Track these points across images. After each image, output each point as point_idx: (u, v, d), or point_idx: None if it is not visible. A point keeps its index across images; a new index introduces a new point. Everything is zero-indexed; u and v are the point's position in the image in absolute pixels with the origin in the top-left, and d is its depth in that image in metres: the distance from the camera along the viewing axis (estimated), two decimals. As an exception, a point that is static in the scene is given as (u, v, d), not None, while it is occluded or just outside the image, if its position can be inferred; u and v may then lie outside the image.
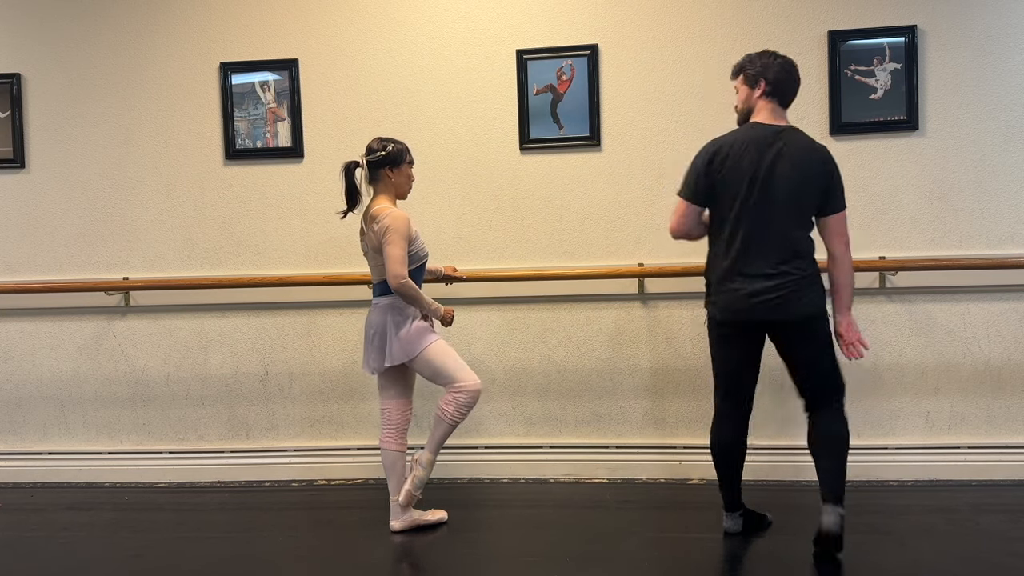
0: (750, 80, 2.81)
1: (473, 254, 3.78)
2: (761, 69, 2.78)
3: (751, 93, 2.81)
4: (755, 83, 2.79)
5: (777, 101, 2.79)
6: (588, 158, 3.72)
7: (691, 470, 3.71)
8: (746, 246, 2.72)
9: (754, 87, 2.80)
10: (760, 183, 2.68)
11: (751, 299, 2.71)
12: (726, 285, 2.76)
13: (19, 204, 3.95)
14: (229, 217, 3.88)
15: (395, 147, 3.08)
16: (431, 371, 3.07)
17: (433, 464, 3.14)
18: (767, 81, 2.77)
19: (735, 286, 2.74)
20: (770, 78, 2.77)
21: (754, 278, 2.71)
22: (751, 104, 2.81)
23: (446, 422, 3.07)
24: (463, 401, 3.05)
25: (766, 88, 2.77)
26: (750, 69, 2.81)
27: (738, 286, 2.73)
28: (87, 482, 3.93)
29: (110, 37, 3.88)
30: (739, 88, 2.86)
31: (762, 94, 2.78)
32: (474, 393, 3.06)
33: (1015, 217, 3.56)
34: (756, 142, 2.72)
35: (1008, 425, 3.61)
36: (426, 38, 3.76)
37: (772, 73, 2.77)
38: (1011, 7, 3.53)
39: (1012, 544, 2.89)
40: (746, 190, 2.69)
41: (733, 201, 2.72)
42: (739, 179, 2.70)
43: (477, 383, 3.08)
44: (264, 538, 3.18)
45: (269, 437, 3.92)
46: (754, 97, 2.80)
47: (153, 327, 3.93)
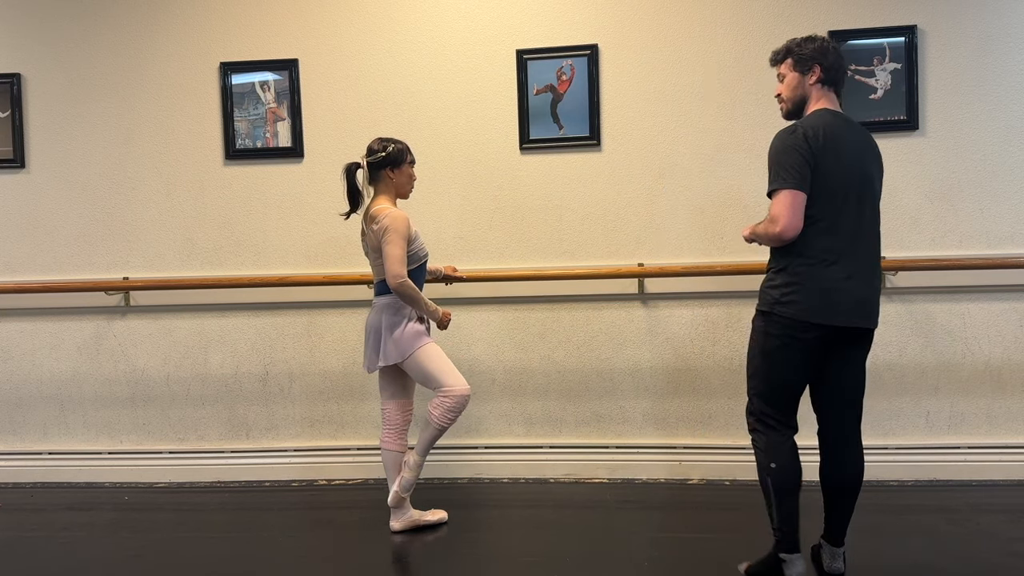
0: (801, 65, 2.51)
1: (473, 254, 3.78)
2: (815, 53, 2.49)
3: (802, 80, 2.52)
4: (808, 69, 2.50)
5: (834, 90, 2.53)
6: (588, 158, 3.73)
7: (691, 470, 3.71)
8: (851, 243, 2.42)
9: (806, 73, 2.51)
10: (859, 175, 2.43)
11: (854, 302, 2.42)
12: (824, 283, 2.40)
13: (19, 204, 3.95)
14: (229, 217, 3.88)
15: (395, 147, 3.08)
16: (421, 374, 3.06)
17: (421, 467, 3.13)
18: (823, 67, 2.49)
19: (838, 286, 2.40)
20: (827, 64, 2.49)
21: (858, 279, 2.42)
22: (804, 91, 2.53)
23: (433, 426, 3.06)
24: (449, 406, 3.02)
25: (821, 75, 2.50)
26: (800, 52, 2.51)
27: (842, 286, 2.40)
28: (87, 482, 3.93)
29: (110, 37, 3.88)
30: (785, 74, 2.56)
31: (817, 81, 2.50)
32: (461, 399, 3.03)
33: (1015, 217, 3.56)
34: (846, 130, 2.46)
35: (1008, 425, 3.61)
36: (426, 38, 3.76)
37: (830, 59, 2.50)
38: (1011, 7, 3.53)
39: (1012, 544, 2.89)
40: (847, 181, 2.41)
41: (833, 191, 2.40)
42: (839, 167, 2.40)
43: (465, 389, 3.04)
44: (264, 538, 3.17)
45: (269, 437, 3.92)
46: (807, 84, 2.51)
47: (153, 327, 3.93)
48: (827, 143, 2.39)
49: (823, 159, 2.39)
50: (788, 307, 2.44)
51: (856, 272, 2.41)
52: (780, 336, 2.46)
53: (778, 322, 2.46)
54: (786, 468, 2.49)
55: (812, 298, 2.40)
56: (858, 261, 2.42)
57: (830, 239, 2.40)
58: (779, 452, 2.50)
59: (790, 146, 2.40)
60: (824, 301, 2.40)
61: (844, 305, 2.40)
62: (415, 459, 3.11)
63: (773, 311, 2.47)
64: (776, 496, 2.49)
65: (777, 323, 2.46)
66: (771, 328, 2.48)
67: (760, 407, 2.54)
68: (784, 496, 2.49)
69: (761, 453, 2.52)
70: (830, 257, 2.40)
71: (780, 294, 2.46)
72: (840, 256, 2.40)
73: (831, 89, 2.52)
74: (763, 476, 2.52)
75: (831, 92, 2.52)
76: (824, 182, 2.39)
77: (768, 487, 2.51)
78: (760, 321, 2.53)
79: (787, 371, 2.48)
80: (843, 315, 2.41)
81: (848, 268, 2.40)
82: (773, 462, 2.49)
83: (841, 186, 2.40)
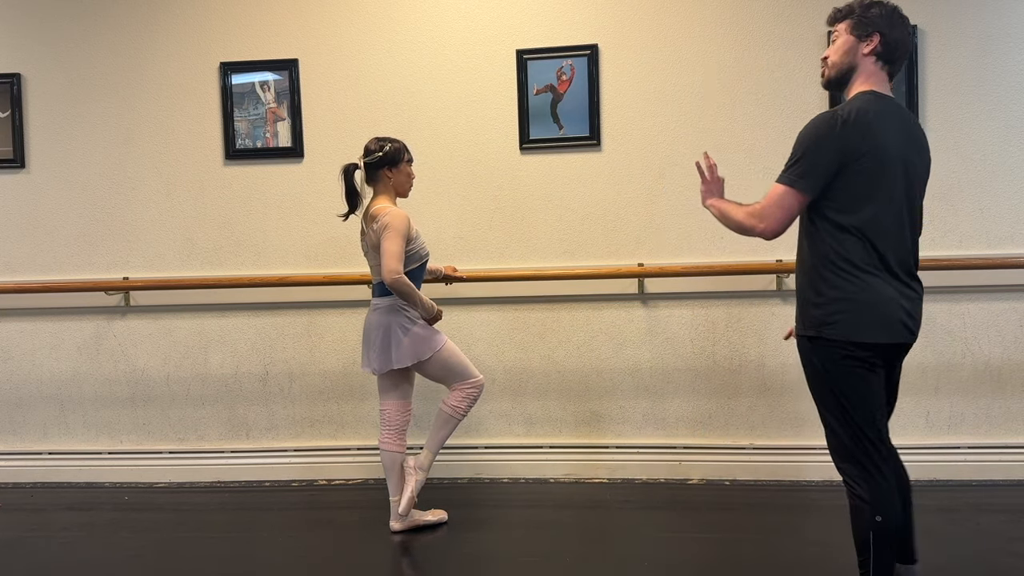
0: (859, 29, 2.17)
1: (473, 254, 3.78)
2: (879, 20, 2.15)
3: (857, 46, 2.17)
4: (866, 35, 2.16)
5: (887, 70, 2.20)
6: (588, 158, 3.73)
7: (691, 470, 3.71)
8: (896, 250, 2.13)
9: (863, 40, 2.17)
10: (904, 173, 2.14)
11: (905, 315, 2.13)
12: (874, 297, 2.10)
13: (19, 204, 3.95)
14: (229, 217, 3.88)
15: (392, 146, 3.08)
16: (443, 371, 3.12)
17: (431, 465, 3.18)
18: (884, 38, 2.15)
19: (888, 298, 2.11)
20: (889, 36, 2.15)
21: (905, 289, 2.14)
22: (854, 60, 2.19)
23: (456, 419, 3.14)
24: (474, 395, 3.16)
25: (879, 47, 2.15)
26: (864, 15, 2.17)
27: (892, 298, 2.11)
28: (87, 482, 3.93)
29: (110, 37, 3.88)
30: (839, 35, 2.21)
31: (872, 52, 2.16)
32: (481, 387, 3.18)
33: (1015, 217, 3.56)
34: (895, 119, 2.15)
35: (1008, 425, 3.61)
36: (426, 38, 3.76)
37: (895, 32, 2.16)
38: (1011, 7, 3.53)
39: (1012, 544, 2.89)
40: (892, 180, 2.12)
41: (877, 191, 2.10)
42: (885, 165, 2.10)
43: (482, 377, 3.20)
44: (264, 538, 3.18)
45: (269, 437, 3.92)
46: (860, 53, 2.17)
47: (153, 327, 3.93)
48: (872, 132, 2.08)
49: (865, 156, 2.08)
50: (836, 327, 2.11)
51: (902, 282, 2.14)
52: (838, 362, 2.13)
53: (828, 346, 2.13)
54: (894, 515, 2.13)
55: (862, 314, 2.09)
56: (903, 269, 2.14)
57: (875, 243, 2.10)
58: (885, 501, 2.11)
59: (823, 137, 2.09)
60: (874, 316, 2.10)
61: (895, 319, 2.11)
62: (429, 459, 3.16)
63: (821, 334, 2.14)
64: (877, 546, 2.12)
65: (828, 348, 2.14)
66: (824, 356, 2.15)
67: (851, 451, 2.15)
68: (886, 546, 2.13)
69: (865, 506, 2.11)
70: (876, 264, 2.11)
71: (824, 312, 2.14)
72: (887, 263, 2.11)
73: (885, 68, 2.19)
74: (864, 530, 2.13)
75: (884, 71, 2.19)
76: (866, 175, 2.09)
77: (870, 541, 2.12)
78: (808, 350, 2.20)
79: (863, 398, 2.13)
80: (895, 331, 2.12)
81: (895, 278, 2.12)
82: (879, 515, 2.09)
83: (885, 180, 2.10)
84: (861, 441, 2.13)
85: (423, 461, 3.14)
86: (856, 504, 2.14)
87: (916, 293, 2.17)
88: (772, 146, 3.62)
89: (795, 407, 3.66)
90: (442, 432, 3.15)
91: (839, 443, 2.18)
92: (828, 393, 2.17)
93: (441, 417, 3.14)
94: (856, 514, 2.15)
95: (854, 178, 2.09)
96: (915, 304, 2.16)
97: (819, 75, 2.33)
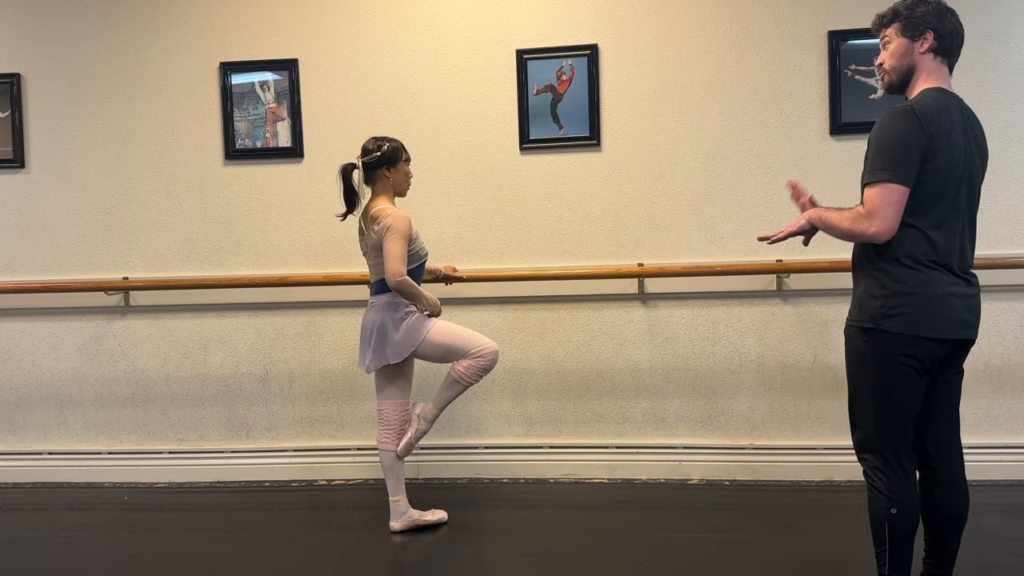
0: (911, 30, 2.17)
1: (473, 254, 3.78)
2: (929, 16, 2.15)
3: (911, 47, 2.17)
4: (919, 34, 2.16)
5: (947, 64, 2.19)
6: (588, 158, 3.72)
7: (691, 470, 3.71)
8: (958, 244, 2.14)
9: (917, 39, 2.16)
10: (967, 168, 2.15)
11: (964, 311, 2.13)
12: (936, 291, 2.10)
13: (19, 204, 3.95)
14: (229, 217, 3.88)
15: (390, 146, 3.07)
16: (442, 350, 3.06)
17: (435, 420, 3.14)
18: (938, 34, 2.15)
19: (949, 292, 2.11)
20: (943, 30, 2.15)
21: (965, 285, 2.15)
22: (912, 61, 2.18)
23: (462, 383, 3.06)
24: (483, 365, 3.05)
25: (934, 43, 2.15)
26: (911, 15, 2.17)
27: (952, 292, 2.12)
28: (87, 482, 3.93)
29: (110, 37, 3.88)
30: (891, 40, 2.21)
31: (928, 49, 2.16)
32: (494, 355, 3.06)
33: (1015, 217, 3.56)
34: (961, 115, 2.14)
35: (1008, 425, 3.61)
36: (426, 38, 3.76)
37: (947, 24, 2.15)
38: (1011, 7, 3.53)
39: (1012, 544, 2.89)
40: (958, 174, 2.12)
41: (944, 186, 2.11)
42: (951, 159, 2.10)
43: (495, 345, 3.07)
44: (264, 538, 3.18)
45: (269, 437, 3.92)
46: (917, 52, 2.17)
47: (153, 327, 3.93)
48: (942, 130, 2.08)
49: (938, 149, 2.08)
50: (897, 320, 2.11)
51: (962, 277, 2.15)
52: (890, 355, 2.13)
53: (883, 338, 2.13)
54: (909, 513, 2.16)
55: (924, 308, 2.09)
56: (964, 264, 2.16)
57: (939, 240, 2.10)
58: (901, 496, 2.15)
59: (904, 132, 2.07)
60: (936, 311, 2.09)
61: (955, 315, 2.12)
62: (433, 411, 3.12)
63: (879, 326, 2.13)
64: (892, 539, 2.16)
65: (882, 340, 2.13)
66: (877, 347, 2.14)
67: (877, 443, 2.19)
68: (902, 540, 2.17)
69: (882, 497, 2.17)
70: (939, 260, 2.10)
71: (885, 305, 2.13)
72: (949, 259, 2.12)
73: (944, 62, 2.19)
74: (879, 519, 2.18)
75: (944, 65, 2.19)
76: (935, 175, 2.09)
77: (884, 532, 2.17)
78: (860, 340, 2.18)
79: (904, 395, 2.15)
80: (955, 327, 2.12)
81: (956, 273, 2.13)
82: (894, 507, 2.15)
83: (952, 180, 2.11)
84: (887, 436, 2.16)
85: (427, 413, 3.12)
86: (873, 495, 2.19)
87: (975, 290, 2.18)
88: (772, 146, 3.63)
89: (795, 407, 3.66)
90: (449, 392, 3.09)
91: (865, 434, 2.21)
92: (869, 383, 2.18)
93: (449, 378, 3.07)
94: (873, 504, 2.19)
95: (927, 177, 2.09)
96: (974, 301, 2.17)
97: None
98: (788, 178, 2.51)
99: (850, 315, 2.24)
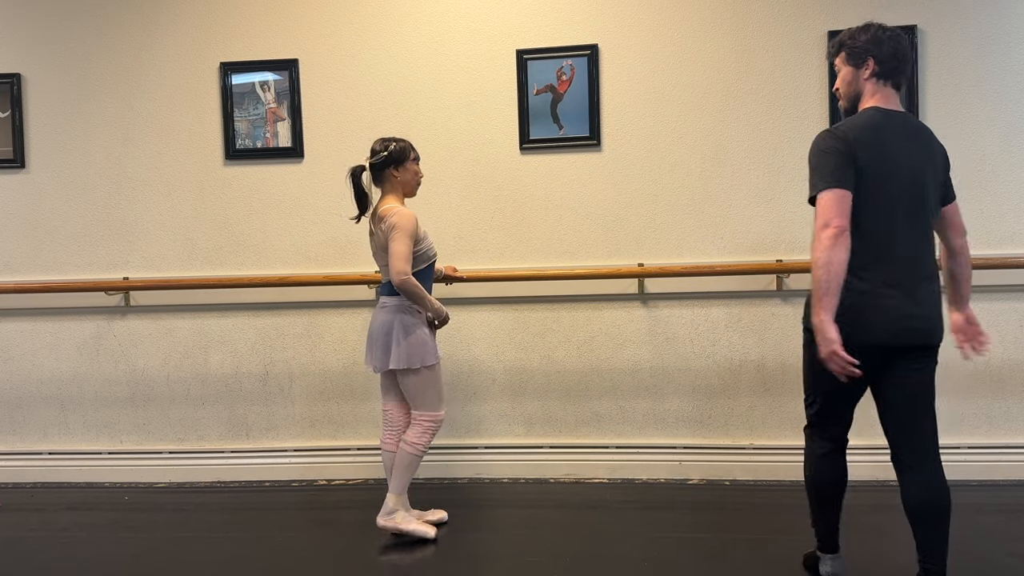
0: (854, 58, 2.37)
1: (473, 254, 3.78)
2: (868, 44, 2.34)
3: (856, 74, 2.37)
4: (861, 62, 2.35)
5: (891, 85, 2.36)
6: (588, 158, 3.73)
7: (691, 470, 3.71)
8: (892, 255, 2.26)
9: (860, 67, 2.36)
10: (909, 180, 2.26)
11: (892, 320, 2.26)
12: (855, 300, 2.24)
13: (19, 204, 3.95)
14: (229, 217, 3.88)
15: (397, 146, 3.06)
16: (419, 391, 3.04)
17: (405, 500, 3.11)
18: (877, 59, 2.33)
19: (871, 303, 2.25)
20: (881, 55, 2.33)
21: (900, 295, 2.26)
22: (858, 87, 2.38)
23: (418, 456, 3.06)
24: (434, 431, 3.08)
25: (876, 68, 2.34)
26: (853, 45, 2.37)
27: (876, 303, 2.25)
28: (87, 482, 3.94)
29: (110, 37, 3.88)
30: (840, 68, 2.42)
31: (872, 75, 2.35)
32: (442, 422, 3.11)
33: (1015, 217, 3.56)
34: (899, 129, 2.29)
35: (1008, 425, 3.61)
36: (426, 38, 3.76)
37: (884, 49, 2.33)
38: (1011, 7, 3.53)
39: (1012, 544, 2.89)
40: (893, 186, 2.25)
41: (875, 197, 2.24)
42: (883, 171, 2.24)
43: (444, 413, 3.14)
44: (264, 538, 3.18)
45: (269, 437, 3.92)
46: (861, 79, 2.36)
47: (153, 327, 3.93)
48: (864, 141, 2.23)
49: (864, 162, 2.22)
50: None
51: (897, 287, 2.24)
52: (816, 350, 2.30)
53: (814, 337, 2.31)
54: (817, 480, 2.52)
55: (842, 315, 2.20)
56: (900, 274, 2.25)
57: (866, 251, 2.23)
58: (813, 463, 2.52)
59: (828, 148, 2.25)
60: (853, 319, 2.22)
61: (878, 324, 2.24)
62: (401, 501, 3.09)
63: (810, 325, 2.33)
64: (809, 499, 2.56)
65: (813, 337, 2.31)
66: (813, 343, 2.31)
67: (807, 415, 2.54)
68: (815, 503, 2.54)
69: (805, 459, 2.55)
70: (863, 270, 2.24)
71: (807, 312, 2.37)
72: (877, 270, 2.24)
73: (887, 83, 2.35)
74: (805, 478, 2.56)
75: (887, 87, 2.35)
76: (865, 187, 2.23)
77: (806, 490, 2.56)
78: (806, 334, 2.43)
79: (825, 384, 2.38)
80: (877, 334, 2.25)
81: (886, 283, 2.24)
82: (808, 471, 2.53)
83: (885, 192, 2.23)
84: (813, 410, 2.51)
85: (394, 506, 3.07)
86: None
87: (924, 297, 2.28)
88: (772, 146, 3.63)
89: (795, 407, 3.66)
90: (407, 472, 3.06)
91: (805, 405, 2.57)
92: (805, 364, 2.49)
93: (405, 455, 3.04)
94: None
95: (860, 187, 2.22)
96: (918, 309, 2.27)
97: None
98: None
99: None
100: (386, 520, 3.09)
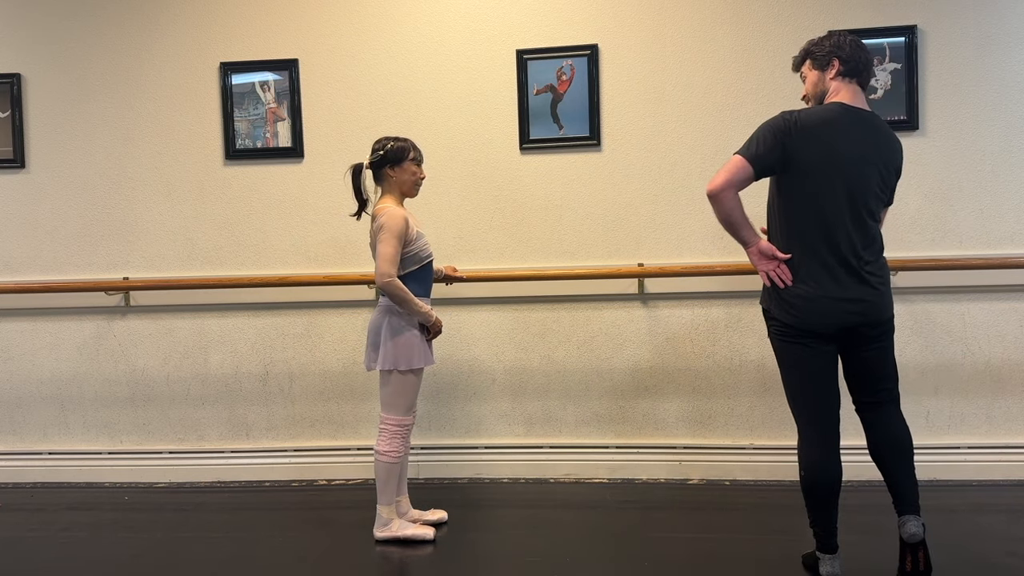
0: (819, 63, 2.50)
1: (473, 254, 3.78)
2: (832, 48, 2.48)
3: (822, 76, 2.51)
4: (827, 63, 2.49)
5: (857, 82, 2.48)
6: (588, 158, 3.73)
7: (691, 470, 3.71)
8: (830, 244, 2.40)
9: (826, 69, 2.49)
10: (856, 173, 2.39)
11: (826, 304, 2.41)
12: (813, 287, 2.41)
13: (19, 204, 3.95)
14: (229, 217, 3.88)
15: (394, 145, 3.02)
16: (393, 394, 3.00)
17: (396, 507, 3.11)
18: (841, 60, 2.46)
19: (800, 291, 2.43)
20: (844, 56, 2.46)
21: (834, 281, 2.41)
22: (824, 87, 2.50)
23: (395, 463, 3.01)
24: (403, 435, 3.03)
25: (840, 67, 2.46)
26: (818, 51, 2.51)
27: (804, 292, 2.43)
28: (87, 482, 3.94)
29: (110, 37, 3.88)
30: (807, 74, 2.56)
31: (836, 74, 2.47)
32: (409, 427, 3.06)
33: (1015, 217, 3.56)
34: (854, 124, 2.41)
35: (1008, 425, 3.61)
36: (426, 38, 3.76)
37: (846, 51, 2.46)
38: (1011, 7, 3.53)
39: (1012, 544, 2.89)
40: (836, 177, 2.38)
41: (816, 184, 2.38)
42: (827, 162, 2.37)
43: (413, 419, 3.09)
44: (264, 538, 3.18)
45: (269, 437, 3.92)
46: (827, 79, 2.50)
47: (153, 327, 3.93)
48: (817, 135, 2.37)
49: (807, 150, 2.37)
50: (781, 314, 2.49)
51: (831, 273, 2.40)
52: (774, 338, 2.54)
53: (768, 324, 2.55)
54: (815, 478, 2.48)
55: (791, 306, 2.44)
56: (838, 260, 2.39)
57: (801, 238, 2.42)
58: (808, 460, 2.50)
59: (773, 125, 2.41)
60: (802, 305, 2.42)
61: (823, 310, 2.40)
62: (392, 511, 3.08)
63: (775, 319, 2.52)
64: (806, 498, 2.53)
65: (768, 325, 2.55)
66: (770, 331, 2.56)
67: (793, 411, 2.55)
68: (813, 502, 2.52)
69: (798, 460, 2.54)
70: (796, 258, 2.43)
71: (762, 296, 2.58)
72: (810, 258, 2.41)
73: (853, 81, 2.47)
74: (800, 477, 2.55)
75: (853, 84, 2.47)
76: (805, 175, 2.39)
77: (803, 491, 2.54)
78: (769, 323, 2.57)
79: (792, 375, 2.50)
80: (823, 320, 2.41)
81: (821, 270, 2.40)
82: (802, 470, 2.51)
83: (827, 182, 2.37)
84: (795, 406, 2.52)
85: (388, 516, 3.06)
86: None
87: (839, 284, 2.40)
88: (772, 146, 3.62)
89: (795, 407, 3.65)
90: (390, 484, 3.02)
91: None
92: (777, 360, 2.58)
93: (381, 470, 3.00)
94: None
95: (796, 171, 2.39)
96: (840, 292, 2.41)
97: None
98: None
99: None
100: (383, 531, 3.08)
